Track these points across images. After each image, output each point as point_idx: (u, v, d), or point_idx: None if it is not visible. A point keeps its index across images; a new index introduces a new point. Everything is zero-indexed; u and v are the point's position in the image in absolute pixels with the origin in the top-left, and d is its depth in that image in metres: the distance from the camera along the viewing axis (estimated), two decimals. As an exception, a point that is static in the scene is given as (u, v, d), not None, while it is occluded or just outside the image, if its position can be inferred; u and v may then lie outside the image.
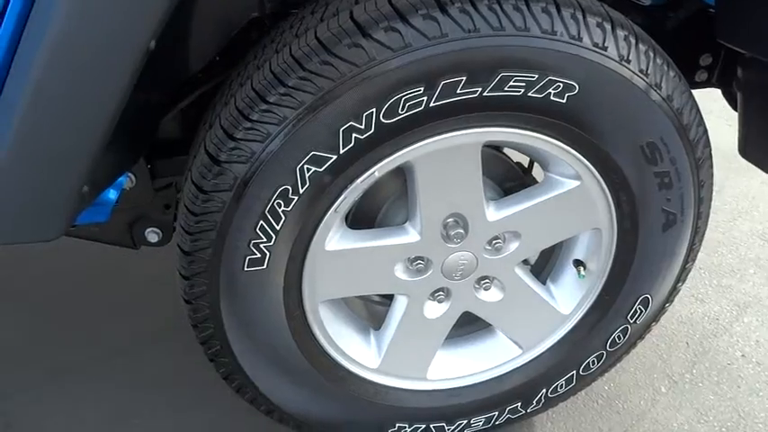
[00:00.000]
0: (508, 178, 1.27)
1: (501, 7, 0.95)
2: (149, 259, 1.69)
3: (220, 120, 1.01)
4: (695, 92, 1.42)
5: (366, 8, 0.96)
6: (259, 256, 1.05)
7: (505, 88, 0.98)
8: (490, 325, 1.32)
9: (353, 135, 0.98)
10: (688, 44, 1.43)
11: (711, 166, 1.17)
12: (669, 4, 1.46)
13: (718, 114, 1.45)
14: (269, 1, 1.16)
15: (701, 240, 1.24)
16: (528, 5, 0.96)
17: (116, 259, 1.82)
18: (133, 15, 0.81)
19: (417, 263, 1.17)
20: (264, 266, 1.07)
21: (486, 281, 1.24)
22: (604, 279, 1.24)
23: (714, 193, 1.21)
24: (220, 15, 1.16)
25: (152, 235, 1.43)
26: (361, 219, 1.22)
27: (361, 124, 0.97)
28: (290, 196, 1.01)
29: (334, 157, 0.99)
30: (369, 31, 0.94)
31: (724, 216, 2.07)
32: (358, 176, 1.03)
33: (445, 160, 1.06)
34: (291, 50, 0.97)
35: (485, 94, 0.98)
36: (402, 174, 1.11)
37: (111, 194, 1.19)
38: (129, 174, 1.28)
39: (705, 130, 1.13)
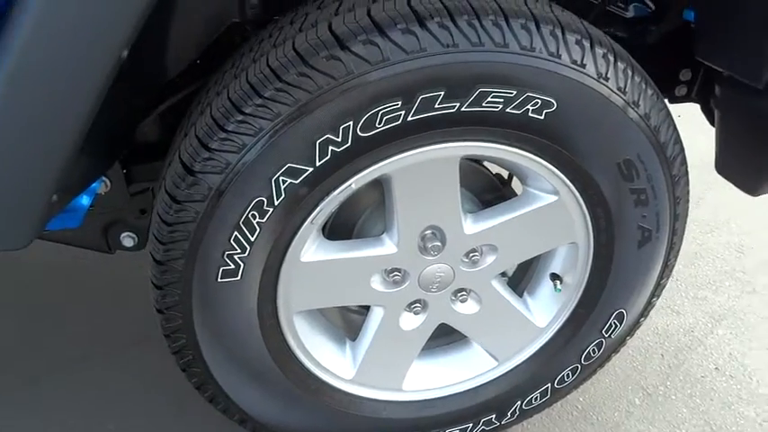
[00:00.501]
0: (487, 190, 1.27)
1: (480, 23, 0.95)
2: (127, 261, 1.67)
3: (195, 129, 0.99)
4: (675, 105, 1.44)
5: (345, 20, 0.95)
6: (233, 267, 1.04)
7: (483, 104, 0.97)
8: (466, 336, 1.32)
9: (330, 148, 0.97)
10: (668, 59, 1.44)
11: (687, 183, 1.18)
12: (651, 18, 1.47)
13: (698, 126, 1.46)
14: (250, 7, 1.15)
15: (676, 256, 1.25)
16: (507, 21, 0.96)
17: (94, 262, 1.80)
18: (104, 24, 0.79)
19: (394, 274, 1.17)
20: (238, 277, 1.05)
21: (463, 293, 1.24)
22: (580, 293, 1.24)
23: (692, 205, 1.23)
24: (199, 20, 1.15)
25: (127, 239, 1.41)
26: (338, 229, 1.21)
27: (338, 137, 0.96)
28: (264, 208, 1.00)
29: (311, 169, 0.98)
30: (347, 43, 0.93)
31: (702, 228, 2.09)
32: (334, 189, 1.02)
33: (423, 173, 1.06)
34: (269, 61, 0.96)
35: (463, 109, 0.97)
36: (380, 185, 1.10)
37: (84, 200, 1.18)
38: (104, 178, 1.27)
39: (682, 148, 1.14)
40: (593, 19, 1.43)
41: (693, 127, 1.56)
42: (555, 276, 1.27)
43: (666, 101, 1.51)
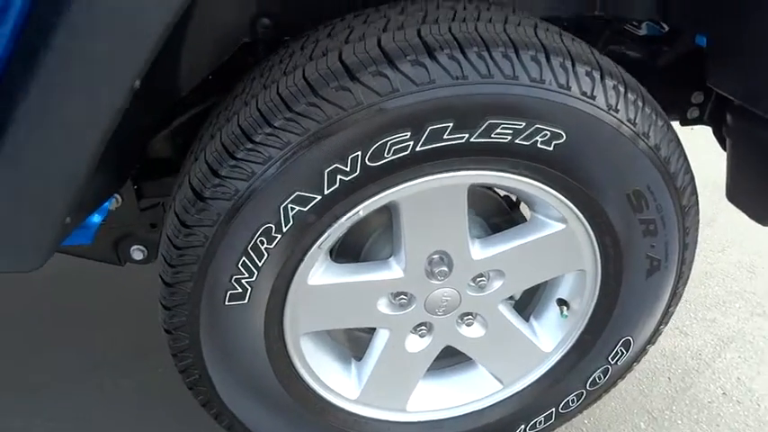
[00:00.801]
0: (495, 214, 1.27)
1: (490, 55, 0.95)
2: (131, 273, 1.69)
3: (205, 155, 1.00)
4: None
5: (355, 50, 0.96)
6: (240, 290, 1.05)
7: (492, 135, 0.98)
8: (472, 358, 1.32)
9: (338, 176, 0.97)
10: (680, 81, 1.43)
11: (698, 213, 1.17)
12: (665, 38, 1.46)
13: (711, 145, 1.45)
14: (261, 27, 1.16)
15: (684, 284, 1.24)
16: (517, 53, 0.96)
17: (96, 273, 1.81)
18: (118, 58, 0.80)
19: (400, 298, 1.17)
20: (246, 301, 1.06)
21: (469, 317, 1.24)
22: (587, 320, 1.24)
23: (704, 224, 1.22)
24: (211, 39, 1.16)
25: (137, 253, 1.42)
26: (345, 251, 1.22)
27: (347, 166, 0.96)
28: (273, 234, 1.01)
29: (319, 197, 0.98)
30: (357, 74, 0.93)
31: (713, 247, 2.07)
32: (343, 215, 1.03)
33: (431, 200, 1.06)
34: (279, 89, 0.97)
35: (471, 139, 0.97)
36: (387, 208, 1.11)
37: (96, 218, 1.19)
38: (116, 195, 1.28)
39: (692, 178, 1.14)
40: (606, 38, 1.44)
41: (707, 146, 1.55)
42: (562, 302, 1.26)
43: (677, 123, 1.51)
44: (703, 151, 1.65)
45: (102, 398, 1.53)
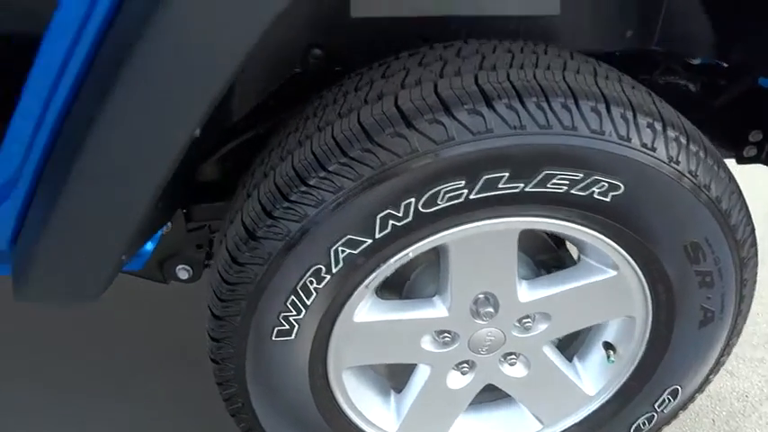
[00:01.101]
0: (541, 251, 1.25)
1: (549, 105, 0.93)
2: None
3: (259, 194, 1.01)
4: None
5: (411, 96, 0.95)
6: (288, 327, 1.06)
7: (548, 185, 0.96)
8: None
9: (390, 222, 0.97)
10: (738, 118, 1.39)
11: (756, 265, 1.14)
12: (722, 72, 1.42)
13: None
14: (313, 57, 1.16)
15: (738, 335, 1.21)
16: (577, 104, 0.94)
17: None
18: (180, 110, 0.81)
19: (444, 336, 1.16)
20: (292, 337, 1.07)
21: (513, 356, 1.22)
22: (634, 366, 1.22)
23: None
24: (264, 69, 1.16)
25: (182, 272, 1.44)
26: (387, 285, 1.22)
27: (399, 212, 0.96)
28: (322, 275, 1.01)
29: (370, 240, 0.98)
30: (413, 121, 0.93)
31: (764, 284, 2.00)
32: (391, 257, 1.03)
33: (481, 244, 1.05)
34: (333, 132, 0.97)
35: (527, 189, 0.96)
36: (434, 247, 1.10)
37: (149, 246, 1.21)
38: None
39: (753, 230, 1.10)
40: (663, 70, 1.40)
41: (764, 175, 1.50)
42: (608, 346, 1.24)
43: (734, 161, 1.46)
44: (760, 184, 1.59)
45: (139, 402, 1.56)
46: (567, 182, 0.96)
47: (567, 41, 1.19)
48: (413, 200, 0.95)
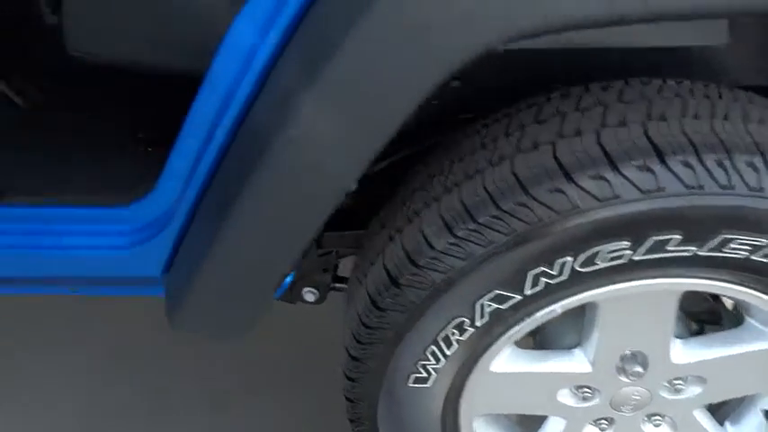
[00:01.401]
0: (697, 305, 1.15)
1: (732, 163, 0.84)
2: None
3: (403, 240, 0.99)
4: None
5: (572, 148, 0.89)
6: (425, 375, 1.04)
7: (725, 249, 0.87)
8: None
9: (543, 279, 0.92)
10: None
11: None
12: None
13: None
14: (449, 89, 1.12)
15: None
16: (765, 161, 0.84)
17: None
18: (337, 170, 0.81)
19: (584, 391, 1.10)
20: (428, 385, 1.05)
21: (658, 417, 1.13)
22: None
23: None
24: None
25: (309, 295, 1.46)
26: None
27: (554, 270, 0.91)
28: (465, 327, 0.98)
29: (519, 297, 0.94)
30: (573, 175, 0.87)
31: None
32: (538, 311, 0.98)
33: (636, 304, 0.98)
34: (485, 182, 0.93)
35: (699, 253, 0.87)
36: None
37: (289, 278, 1.24)
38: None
39: None
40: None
41: None
42: (769, 414, 1.12)
43: None
44: None
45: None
46: (750, 247, 0.86)
47: (730, 76, 1.07)
48: (570, 259, 0.89)
